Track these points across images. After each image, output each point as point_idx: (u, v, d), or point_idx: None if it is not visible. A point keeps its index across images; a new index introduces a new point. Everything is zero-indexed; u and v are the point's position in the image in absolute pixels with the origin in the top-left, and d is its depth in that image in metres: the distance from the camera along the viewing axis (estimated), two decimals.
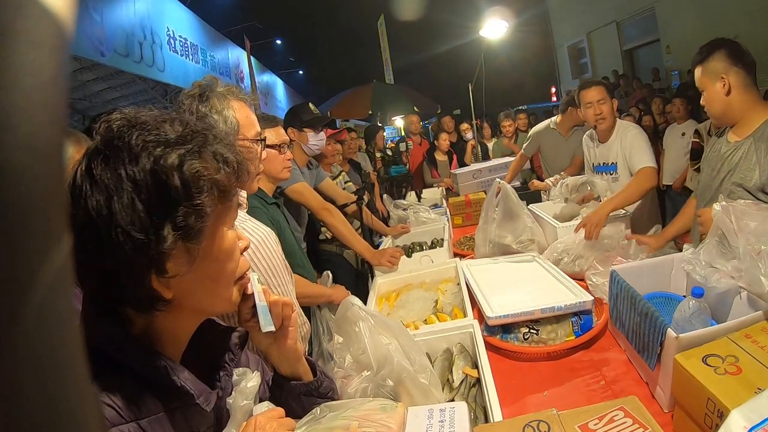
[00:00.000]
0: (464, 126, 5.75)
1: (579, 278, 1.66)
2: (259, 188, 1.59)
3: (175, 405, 0.59)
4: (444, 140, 4.78)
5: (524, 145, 3.62)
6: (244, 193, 1.19)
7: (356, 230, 3.04)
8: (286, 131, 2.24)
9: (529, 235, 2.00)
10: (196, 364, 0.65)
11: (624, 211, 2.05)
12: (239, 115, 1.14)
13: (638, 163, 2.15)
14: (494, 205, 2.04)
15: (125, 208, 0.51)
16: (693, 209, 1.76)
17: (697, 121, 3.91)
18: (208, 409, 0.60)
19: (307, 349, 1.25)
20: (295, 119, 2.29)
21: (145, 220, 0.51)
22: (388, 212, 3.21)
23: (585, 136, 2.59)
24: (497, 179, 2.15)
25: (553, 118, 3.48)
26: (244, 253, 1.03)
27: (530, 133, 3.66)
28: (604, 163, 2.41)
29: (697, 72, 1.59)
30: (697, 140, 3.54)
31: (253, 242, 1.06)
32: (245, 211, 1.17)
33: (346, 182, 3.17)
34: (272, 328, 0.72)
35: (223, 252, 0.61)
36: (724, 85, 1.52)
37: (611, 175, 2.36)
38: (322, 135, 2.33)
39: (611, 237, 1.83)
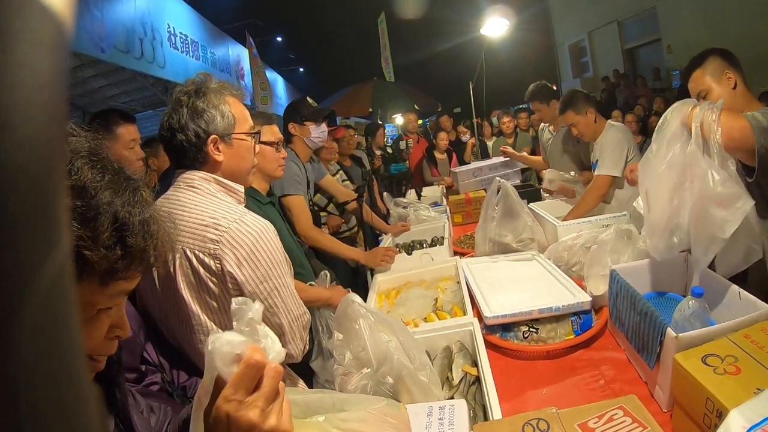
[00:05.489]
0: (461, 128, 5.78)
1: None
2: (252, 188, 1.59)
3: None
4: (442, 139, 4.78)
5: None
6: (241, 188, 1.20)
7: (354, 228, 3.06)
8: (286, 127, 2.25)
9: (529, 233, 2.00)
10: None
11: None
12: (234, 109, 1.17)
13: (598, 169, 2.33)
14: (494, 204, 2.03)
15: None
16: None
17: None
18: None
19: (307, 342, 1.25)
20: (295, 114, 2.27)
21: None
22: (387, 209, 3.21)
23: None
24: (497, 177, 2.14)
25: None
26: (246, 248, 1.03)
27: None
28: (594, 162, 2.52)
29: (697, 75, 1.57)
30: None
31: (253, 235, 1.06)
32: (243, 206, 1.18)
33: (343, 181, 3.16)
34: None
35: None
36: (729, 79, 1.52)
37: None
38: (324, 127, 2.30)
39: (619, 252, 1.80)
